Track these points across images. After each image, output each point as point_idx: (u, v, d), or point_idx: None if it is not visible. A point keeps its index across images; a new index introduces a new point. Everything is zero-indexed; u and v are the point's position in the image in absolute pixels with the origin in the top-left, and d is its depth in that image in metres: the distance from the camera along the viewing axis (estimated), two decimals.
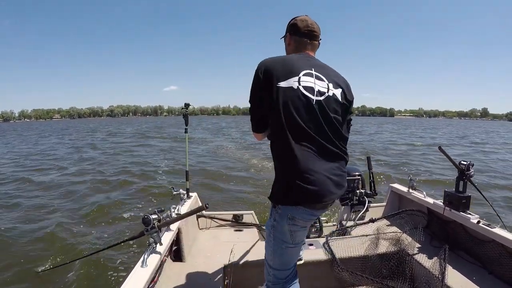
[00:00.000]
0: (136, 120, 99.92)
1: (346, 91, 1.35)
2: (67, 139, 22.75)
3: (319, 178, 1.23)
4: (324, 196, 1.24)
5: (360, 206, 2.64)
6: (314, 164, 1.23)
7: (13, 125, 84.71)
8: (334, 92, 1.30)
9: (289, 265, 1.44)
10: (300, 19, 1.41)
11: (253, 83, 1.32)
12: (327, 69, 1.37)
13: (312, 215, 1.31)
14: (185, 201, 2.45)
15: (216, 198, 6.09)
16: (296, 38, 1.41)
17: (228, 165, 10.01)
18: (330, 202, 1.31)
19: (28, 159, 12.21)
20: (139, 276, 1.43)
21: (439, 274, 1.83)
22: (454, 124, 79.43)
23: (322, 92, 1.28)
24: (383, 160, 10.94)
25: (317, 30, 1.41)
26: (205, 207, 1.63)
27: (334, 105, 1.30)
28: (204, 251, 2.28)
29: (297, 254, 1.47)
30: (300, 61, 1.32)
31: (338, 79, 1.36)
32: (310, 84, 1.27)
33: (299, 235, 1.36)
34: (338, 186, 1.29)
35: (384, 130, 34.87)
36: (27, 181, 7.76)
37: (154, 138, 22.02)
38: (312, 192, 1.22)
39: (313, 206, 1.28)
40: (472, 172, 2.13)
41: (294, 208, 1.28)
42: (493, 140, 23.15)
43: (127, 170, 9.08)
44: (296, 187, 1.23)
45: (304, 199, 1.25)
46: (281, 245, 1.37)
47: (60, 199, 6.15)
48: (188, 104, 2.43)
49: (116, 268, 3.33)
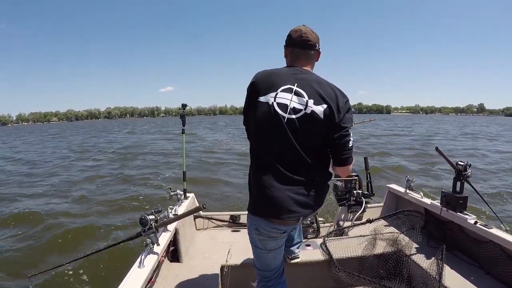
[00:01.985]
0: (139, 121, 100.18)
1: (334, 108, 1.25)
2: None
3: (278, 195, 1.24)
4: (282, 213, 1.26)
5: (357, 206, 2.64)
6: (274, 182, 1.25)
7: (29, 128, 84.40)
8: (314, 109, 1.24)
9: (269, 268, 1.49)
10: (294, 30, 1.38)
11: (246, 94, 1.38)
12: (313, 84, 1.29)
13: (275, 228, 1.33)
14: (182, 202, 2.44)
15: (213, 198, 6.08)
16: (290, 49, 1.39)
17: (227, 164, 10.02)
18: (293, 219, 1.29)
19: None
20: (136, 276, 1.43)
21: (436, 275, 1.83)
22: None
23: (297, 110, 1.24)
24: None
25: (312, 39, 1.35)
26: (202, 207, 1.63)
27: (311, 123, 1.25)
28: (201, 252, 2.27)
29: (275, 259, 1.49)
30: (284, 76, 1.31)
31: (326, 94, 1.26)
32: (284, 101, 1.25)
33: (270, 243, 1.40)
34: (303, 205, 1.28)
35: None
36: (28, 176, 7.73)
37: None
38: (269, 207, 1.27)
39: (271, 220, 1.30)
40: (469, 173, 2.13)
41: (258, 219, 1.33)
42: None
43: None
44: (257, 199, 1.31)
45: (261, 212, 1.31)
46: (256, 250, 1.45)
47: (57, 198, 6.12)
48: (185, 104, 2.43)
49: (113, 269, 3.31)
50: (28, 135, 36.29)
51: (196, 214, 2.70)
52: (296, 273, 2.06)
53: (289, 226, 1.37)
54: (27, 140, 27.15)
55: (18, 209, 5.39)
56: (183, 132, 2.53)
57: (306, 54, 1.37)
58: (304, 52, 1.37)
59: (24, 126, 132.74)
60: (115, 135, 27.79)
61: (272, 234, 1.35)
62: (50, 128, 62.59)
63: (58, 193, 6.69)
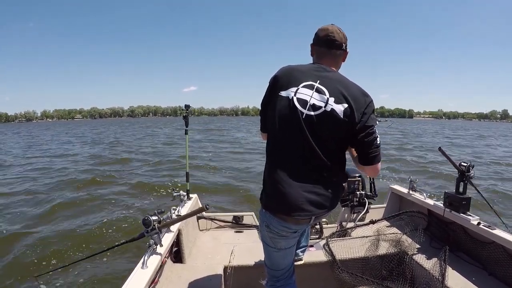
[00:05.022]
0: (165, 120, 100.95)
1: (355, 108, 1.22)
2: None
3: (291, 192, 1.23)
4: (293, 211, 1.24)
5: (360, 207, 2.64)
6: (288, 179, 1.24)
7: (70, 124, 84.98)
8: (334, 108, 1.22)
9: (278, 267, 1.48)
10: (321, 29, 1.36)
11: (267, 88, 1.38)
12: (336, 82, 1.27)
13: (285, 226, 1.31)
14: (185, 203, 2.45)
15: (216, 199, 6.10)
16: (316, 47, 1.38)
17: (233, 166, 10.05)
18: (304, 218, 1.27)
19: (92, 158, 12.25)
20: (139, 277, 1.43)
21: (439, 276, 1.83)
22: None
23: (317, 107, 1.23)
24: None
25: (339, 38, 1.32)
26: (205, 208, 1.63)
27: (330, 122, 1.22)
28: (204, 253, 2.28)
29: (285, 259, 1.47)
30: (307, 72, 1.30)
31: (349, 93, 1.24)
32: (305, 96, 1.24)
33: (281, 242, 1.38)
34: (316, 205, 1.25)
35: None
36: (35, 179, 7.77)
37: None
38: (281, 203, 1.26)
39: (282, 217, 1.28)
40: (472, 174, 2.12)
41: (269, 216, 1.32)
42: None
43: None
44: (269, 195, 1.31)
45: (273, 208, 1.30)
46: (267, 247, 1.45)
47: (60, 198, 6.16)
48: (188, 105, 2.44)
49: (116, 269, 3.33)
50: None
51: (199, 215, 2.71)
52: (299, 274, 2.05)
53: (300, 226, 1.34)
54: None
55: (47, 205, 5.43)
56: (186, 133, 2.54)
57: (331, 54, 1.35)
58: (329, 52, 1.35)
59: (48, 123, 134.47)
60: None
61: (282, 233, 1.34)
62: (99, 124, 63.54)
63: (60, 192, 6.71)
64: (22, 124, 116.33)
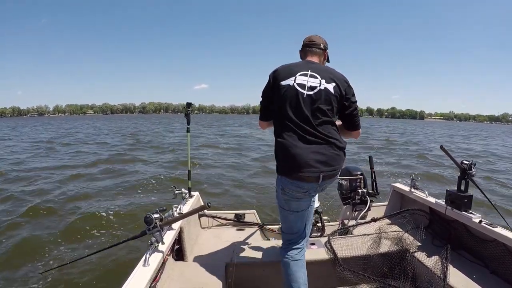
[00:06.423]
0: (174, 117, 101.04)
1: (340, 85, 1.60)
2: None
3: (300, 152, 1.50)
4: (302, 167, 1.50)
5: (362, 205, 2.64)
6: (297, 143, 1.52)
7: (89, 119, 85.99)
8: (326, 86, 1.57)
9: (291, 230, 1.74)
10: (306, 38, 1.78)
11: (266, 83, 1.69)
12: (323, 69, 1.64)
13: (298, 186, 1.56)
14: (187, 200, 2.45)
15: (218, 197, 6.10)
16: (303, 49, 1.78)
17: (233, 164, 10.05)
18: (313, 174, 1.51)
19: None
20: (141, 275, 1.44)
21: (441, 273, 1.83)
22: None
23: (313, 87, 1.57)
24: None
25: (317, 40, 1.74)
26: (207, 206, 1.64)
27: (326, 97, 1.56)
28: (206, 250, 2.28)
29: (297, 223, 1.72)
30: (300, 65, 1.66)
31: (334, 76, 1.61)
32: (303, 81, 1.58)
33: (293, 204, 1.66)
34: (323, 163, 1.52)
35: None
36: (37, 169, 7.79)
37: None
38: (292, 163, 1.52)
39: (295, 176, 1.53)
40: (474, 172, 2.12)
41: (284, 179, 1.58)
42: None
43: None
44: (282, 160, 1.58)
45: (286, 169, 1.56)
46: (282, 211, 1.72)
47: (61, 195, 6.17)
48: (190, 103, 2.43)
49: (118, 267, 3.34)
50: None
51: (201, 213, 2.71)
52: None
53: (311, 184, 1.56)
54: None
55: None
56: (187, 131, 2.53)
57: (311, 51, 1.74)
58: (310, 50, 1.74)
59: (60, 117, 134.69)
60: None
61: (296, 194, 1.60)
62: (117, 119, 64.33)
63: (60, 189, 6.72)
64: (34, 118, 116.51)
